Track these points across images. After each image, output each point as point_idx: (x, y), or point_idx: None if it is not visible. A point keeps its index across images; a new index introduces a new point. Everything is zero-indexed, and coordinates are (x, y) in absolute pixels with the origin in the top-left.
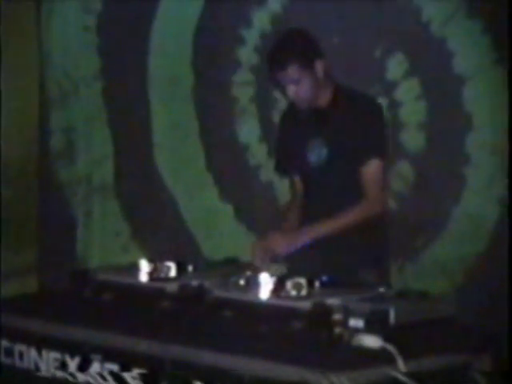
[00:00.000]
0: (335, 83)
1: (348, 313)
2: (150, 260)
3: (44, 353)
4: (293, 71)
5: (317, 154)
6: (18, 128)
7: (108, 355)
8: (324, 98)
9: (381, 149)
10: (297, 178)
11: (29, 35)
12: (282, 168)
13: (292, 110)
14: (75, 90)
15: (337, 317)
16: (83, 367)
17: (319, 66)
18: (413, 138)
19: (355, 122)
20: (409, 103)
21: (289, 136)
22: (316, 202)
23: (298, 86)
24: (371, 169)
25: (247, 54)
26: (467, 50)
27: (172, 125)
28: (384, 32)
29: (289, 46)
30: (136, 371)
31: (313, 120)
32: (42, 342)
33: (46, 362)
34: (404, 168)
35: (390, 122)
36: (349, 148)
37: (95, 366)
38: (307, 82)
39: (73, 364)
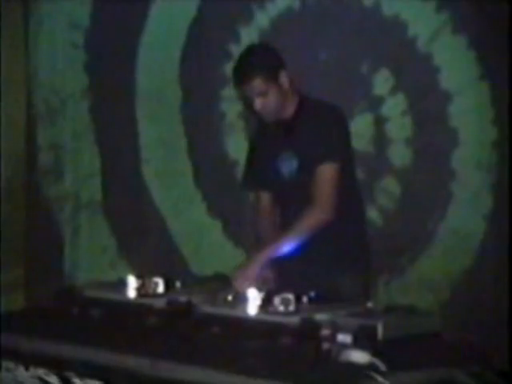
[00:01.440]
0: (300, 94)
1: (336, 328)
2: (138, 276)
3: (31, 370)
4: (259, 84)
5: (287, 165)
6: (5, 144)
7: (96, 372)
8: (290, 110)
9: (335, 153)
10: (264, 193)
11: (16, 51)
12: (249, 185)
13: (261, 125)
14: (63, 107)
15: (325, 332)
16: None
17: (284, 77)
18: (399, 154)
19: (316, 131)
20: (395, 119)
21: (259, 151)
22: (291, 213)
23: (265, 99)
24: (323, 173)
25: None
26: (453, 65)
27: (160, 141)
28: (370, 48)
29: (253, 60)
30: None
31: (281, 132)
32: (29, 360)
33: (34, 379)
34: (390, 183)
35: (375, 137)
36: (312, 152)
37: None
38: (273, 93)
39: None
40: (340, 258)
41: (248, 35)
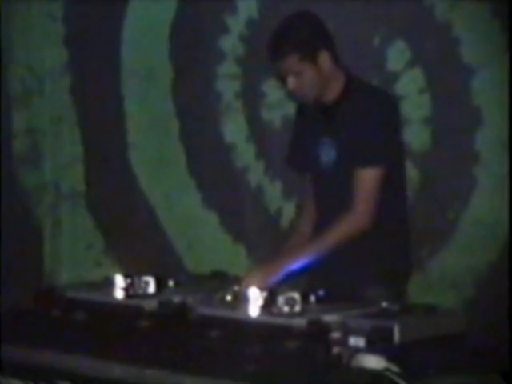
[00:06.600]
0: (348, 76)
1: (347, 330)
2: (126, 275)
3: (3, 381)
4: (292, 62)
5: (327, 154)
6: None
7: (78, 382)
8: (333, 93)
9: (380, 156)
10: (309, 179)
11: None
12: (293, 163)
13: (301, 105)
14: (40, 87)
15: (335, 335)
16: None
17: (325, 58)
18: (416, 135)
19: (360, 126)
20: (412, 96)
21: (300, 132)
22: (326, 206)
23: (299, 79)
24: (363, 178)
25: (232, 44)
26: (475, 36)
27: (149, 124)
28: (383, 17)
29: (289, 33)
30: None
31: (321, 117)
32: (2, 368)
33: None
34: (407, 168)
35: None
36: (355, 150)
37: None
38: (309, 74)
39: None
40: (377, 269)
41: (246, 5)
